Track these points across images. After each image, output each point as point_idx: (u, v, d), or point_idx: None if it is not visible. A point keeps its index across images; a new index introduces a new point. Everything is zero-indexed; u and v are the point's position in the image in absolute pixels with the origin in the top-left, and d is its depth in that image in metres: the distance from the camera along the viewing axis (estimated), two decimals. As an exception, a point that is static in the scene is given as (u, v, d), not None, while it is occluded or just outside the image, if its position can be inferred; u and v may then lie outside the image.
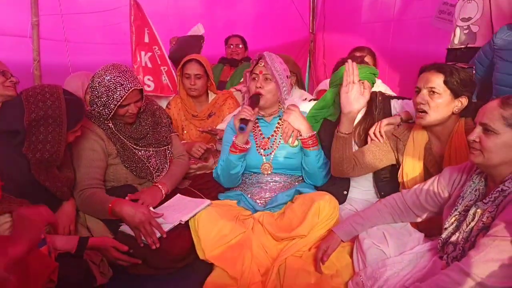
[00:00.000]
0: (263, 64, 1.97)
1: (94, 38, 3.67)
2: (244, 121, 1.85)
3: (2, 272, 1.01)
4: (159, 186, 2.01)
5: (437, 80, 1.69)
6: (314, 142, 1.98)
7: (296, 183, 2.09)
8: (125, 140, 1.98)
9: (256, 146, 2.07)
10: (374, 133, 1.94)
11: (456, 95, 1.69)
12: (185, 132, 2.76)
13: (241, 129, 1.84)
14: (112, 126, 1.95)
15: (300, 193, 1.98)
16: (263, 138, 2.08)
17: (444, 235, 1.43)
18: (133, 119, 2.00)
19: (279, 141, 2.06)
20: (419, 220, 1.66)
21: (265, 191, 2.05)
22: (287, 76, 2.02)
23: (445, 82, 1.68)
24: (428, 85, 1.71)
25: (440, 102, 1.69)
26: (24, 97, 1.59)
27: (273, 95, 2.00)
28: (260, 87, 1.96)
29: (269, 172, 2.05)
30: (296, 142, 2.03)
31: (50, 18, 3.14)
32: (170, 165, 2.15)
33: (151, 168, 2.04)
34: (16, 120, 1.56)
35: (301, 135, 1.99)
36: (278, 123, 2.09)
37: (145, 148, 2.04)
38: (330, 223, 1.75)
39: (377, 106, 2.06)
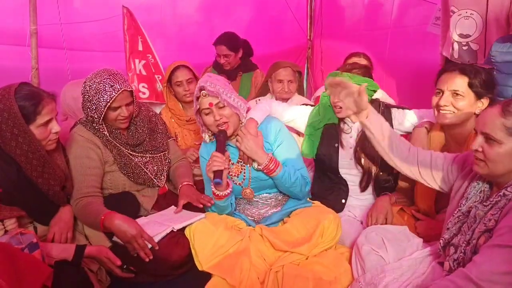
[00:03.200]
0: (207, 95, 1.78)
1: (93, 46, 3.68)
2: (218, 174, 1.70)
3: None
4: (190, 183, 2.03)
5: (461, 83, 1.69)
6: (274, 166, 1.82)
7: (288, 197, 1.99)
8: (121, 147, 1.97)
9: (230, 175, 1.91)
10: None
11: (479, 96, 1.70)
12: (179, 139, 2.76)
13: (217, 183, 1.71)
14: (107, 134, 1.94)
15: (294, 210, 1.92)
16: (233, 164, 1.93)
17: (446, 235, 1.42)
18: (126, 124, 1.97)
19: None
20: (407, 172, 1.61)
21: (257, 208, 1.98)
22: (231, 88, 1.87)
23: (470, 85, 1.68)
24: (451, 88, 1.71)
25: (464, 104, 1.70)
26: None
27: (235, 117, 1.85)
28: (220, 118, 1.79)
29: (251, 197, 1.94)
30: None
31: (49, 26, 3.15)
32: (177, 169, 2.17)
33: (149, 174, 2.04)
34: None
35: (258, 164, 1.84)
36: None
37: (141, 154, 2.04)
38: (332, 242, 1.75)
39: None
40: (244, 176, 1.92)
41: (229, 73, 3.38)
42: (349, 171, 2.08)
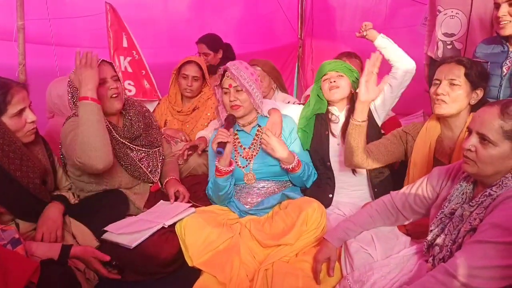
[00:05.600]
0: (229, 76, 1.97)
1: (82, 42, 3.64)
2: (221, 145, 1.87)
3: None
4: (175, 177, 2.13)
5: (458, 72, 1.73)
6: (298, 164, 2.00)
7: (283, 188, 2.09)
8: (119, 138, 1.98)
9: (236, 159, 2.06)
10: None
11: (474, 86, 1.73)
12: (167, 125, 2.83)
13: (219, 153, 1.86)
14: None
15: (287, 197, 1.97)
16: (244, 149, 2.09)
17: (429, 237, 1.44)
18: (121, 103, 1.97)
19: (258, 149, 2.07)
20: (407, 222, 1.68)
21: (252, 196, 2.06)
22: (255, 80, 2.01)
23: (466, 75, 1.72)
24: (449, 77, 1.74)
25: (460, 93, 1.72)
26: None
27: (249, 103, 2.01)
28: (234, 100, 1.97)
29: (253, 181, 2.06)
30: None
31: (37, 22, 3.10)
32: (166, 165, 2.22)
33: (144, 169, 2.06)
34: None
35: (284, 164, 1.98)
36: (258, 130, 2.10)
37: (137, 148, 2.05)
38: (317, 231, 1.75)
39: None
40: (251, 162, 2.05)
41: (209, 68, 3.30)
42: (340, 158, 2.10)
